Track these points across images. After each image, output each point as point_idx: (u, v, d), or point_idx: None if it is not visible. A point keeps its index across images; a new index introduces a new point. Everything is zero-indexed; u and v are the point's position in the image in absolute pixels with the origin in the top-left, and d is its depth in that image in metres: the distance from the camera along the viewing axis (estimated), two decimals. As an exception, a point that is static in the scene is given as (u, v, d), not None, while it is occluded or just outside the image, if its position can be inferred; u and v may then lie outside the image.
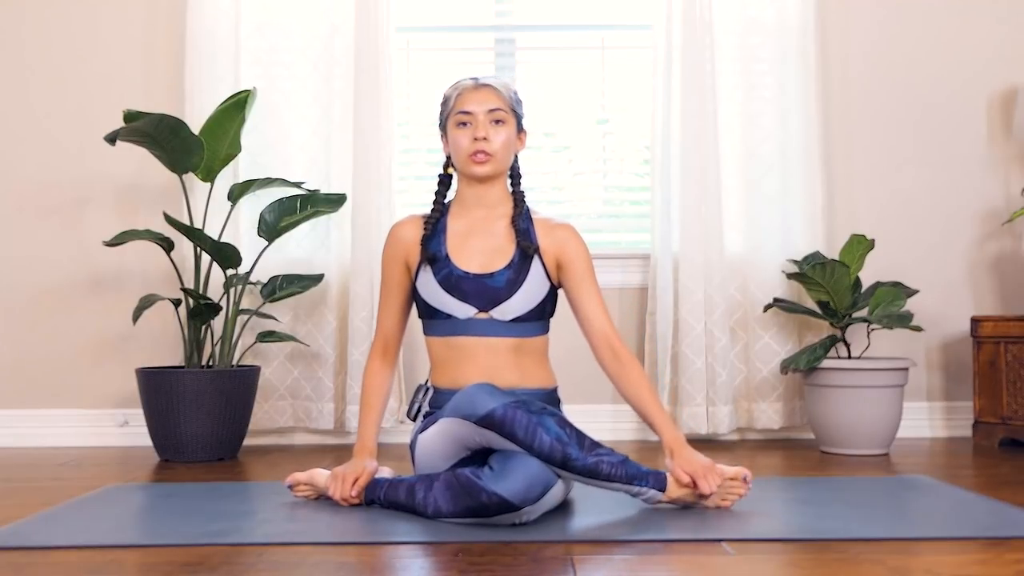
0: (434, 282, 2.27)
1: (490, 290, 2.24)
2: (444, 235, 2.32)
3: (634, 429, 3.43)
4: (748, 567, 1.71)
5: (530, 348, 2.28)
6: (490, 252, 2.28)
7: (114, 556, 1.80)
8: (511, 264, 2.26)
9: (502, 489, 1.94)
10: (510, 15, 3.62)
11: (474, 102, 2.27)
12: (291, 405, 3.38)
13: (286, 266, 3.36)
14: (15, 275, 3.48)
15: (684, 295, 3.32)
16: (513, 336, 2.25)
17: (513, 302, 2.24)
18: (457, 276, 2.26)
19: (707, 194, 3.33)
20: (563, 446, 1.99)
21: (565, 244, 2.31)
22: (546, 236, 2.31)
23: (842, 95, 3.53)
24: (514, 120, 2.32)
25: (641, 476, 2.07)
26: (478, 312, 2.25)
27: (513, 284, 2.25)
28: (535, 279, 2.27)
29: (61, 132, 3.49)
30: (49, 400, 3.45)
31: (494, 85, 2.31)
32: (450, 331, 2.27)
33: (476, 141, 2.25)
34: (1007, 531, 1.93)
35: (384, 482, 2.18)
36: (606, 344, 2.29)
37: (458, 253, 2.29)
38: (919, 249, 3.52)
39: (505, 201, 2.35)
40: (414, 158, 3.62)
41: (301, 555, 1.81)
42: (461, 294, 2.25)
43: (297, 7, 3.41)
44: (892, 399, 3.07)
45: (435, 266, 2.28)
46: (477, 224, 2.32)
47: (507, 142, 2.29)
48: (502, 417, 1.98)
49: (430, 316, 2.30)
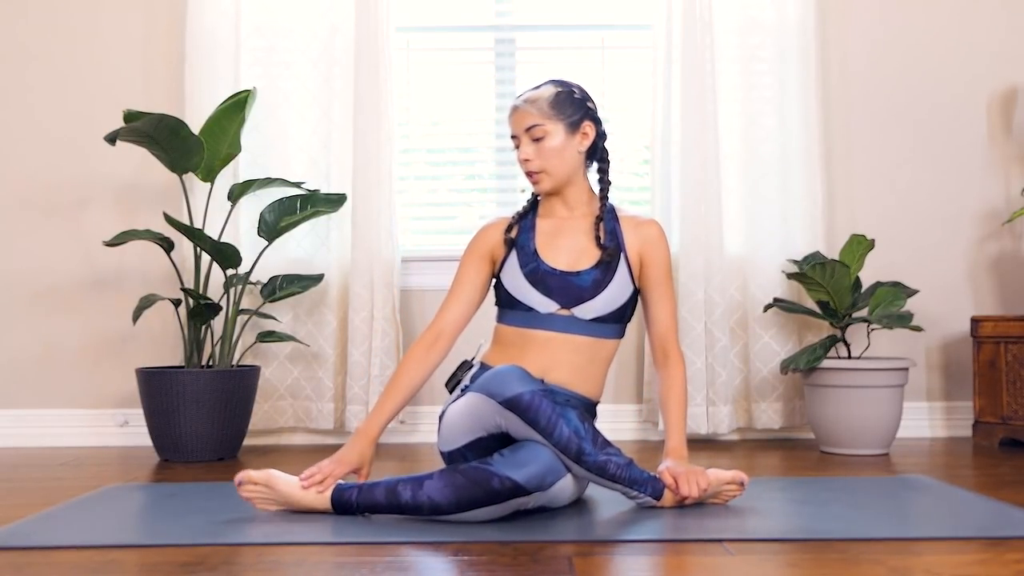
0: (520, 274, 2.28)
1: (575, 288, 2.26)
2: (533, 232, 2.34)
3: (634, 429, 3.44)
4: (748, 567, 1.71)
5: (600, 351, 2.29)
6: (577, 251, 2.30)
7: (114, 556, 1.80)
8: (598, 264, 2.28)
9: (516, 473, 1.96)
10: (510, 15, 3.62)
11: (513, 125, 2.32)
12: (291, 405, 3.38)
13: (286, 266, 3.36)
14: (15, 275, 3.48)
15: (684, 295, 3.32)
16: (589, 336, 2.27)
17: (597, 302, 2.26)
18: (544, 271, 2.27)
19: (707, 194, 3.33)
20: (580, 440, 2.01)
21: (650, 242, 2.32)
22: (632, 233, 2.33)
23: (842, 95, 3.53)
24: (559, 125, 2.28)
25: (641, 483, 2.10)
26: (560, 308, 2.26)
27: (599, 284, 2.26)
28: (620, 281, 2.28)
29: (61, 132, 3.49)
30: (49, 400, 3.45)
31: (523, 105, 2.30)
32: (528, 323, 2.27)
33: (523, 163, 2.31)
34: (1007, 531, 1.93)
35: (354, 487, 2.10)
36: (662, 346, 2.34)
37: (545, 249, 2.31)
38: (919, 249, 3.52)
39: (588, 200, 2.37)
40: (414, 158, 3.62)
41: (301, 555, 1.81)
42: (545, 289, 2.26)
43: (297, 7, 3.41)
44: (892, 399, 3.07)
45: (522, 258, 2.30)
46: (562, 224, 2.34)
47: (551, 153, 2.28)
48: (528, 402, 2.00)
49: (510, 307, 2.30)
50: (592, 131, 2.34)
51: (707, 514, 2.10)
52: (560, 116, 2.30)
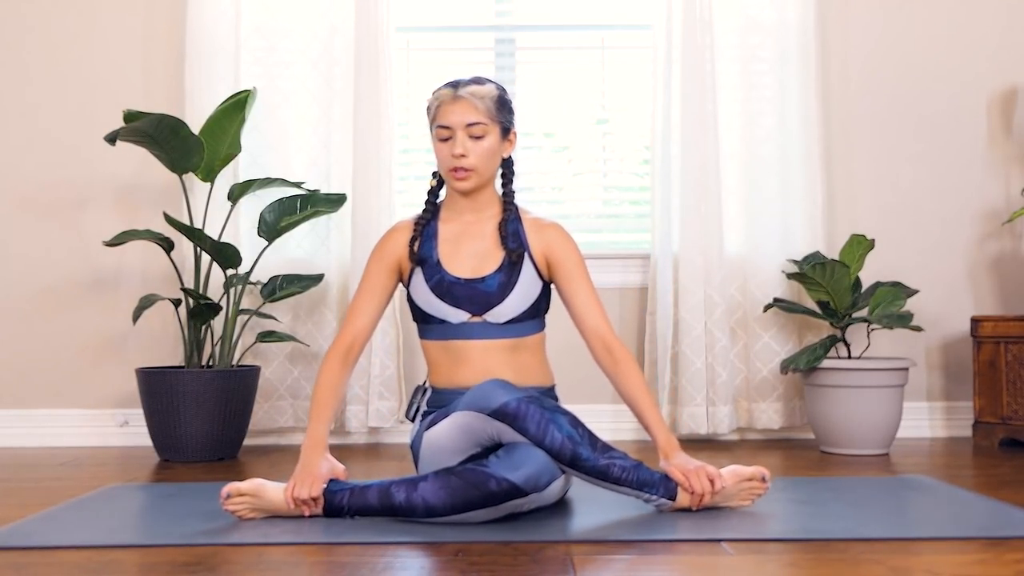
0: (426, 288, 2.26)
1: (482, 294, 2.24)
2: (435, 240, 2.30)
3: (634, 429, 3.43)
4: (748, 567, 1.71)
5: (526, 347, 2.28)
6: (481, 256, 2.27)
7: (114, 556, 1.80)
8: (502, 267, 2.25)
9: (513, 475, 1.95)
10: (510, 15, 3.62)
11: (452, 115, 2.23)
12: (291, 405, 3.38)
13: (286, 266, 3.36)
14: (15, 275, 3.48)
15: (684, 295, 3.32)
16: (508, 337, 2.25)
17: (506, 305, 2.24)
18: (449, 282, 2.25)
19: (707, 194, 3.33)
20: (574, 445, 2.00)
21: (553, 243, 2.29)
22: (535, 235, 2.30)
23: (842, 95, 3.53)
24: (496, 128, 2.26)
25: (652, 484, 2.07)
26: (471, 316, 2.24)
27: (505, 287, 2.24)
28: (527, 280, 2.26)
29: (61, 132, 3.49)
30: (49, 400, 3.45)
31: (470, 98, 2.23)
32: (445, 335, 2.26)
33: (455, 158, 2.22)
34: (1007, 531, 1.93)
35: (344, 489, 2.08)
36: (600, 340, 2.26)
37: (449, 258, 2.28)
38: (919, 249, 3.52)
39: (494, 204, 2.33)
40: (414, 158, 3.62)
41: (301, 555, 1.81)
42: (453, 299, 2.24)
43: (297, 7, 3.41)
44: (892, 399, 3.07)
45: (426, 271, 2.27)
46: (467, 228, 2.31)
47: (487, 153, 2.25)
48: (515, 410, 1.99)
49: (424, 321, 2.30)
50: (515, 140, 2.34)
51: (707, 514, 2.09)
52: (498, 119, 2.27)
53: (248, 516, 2.07)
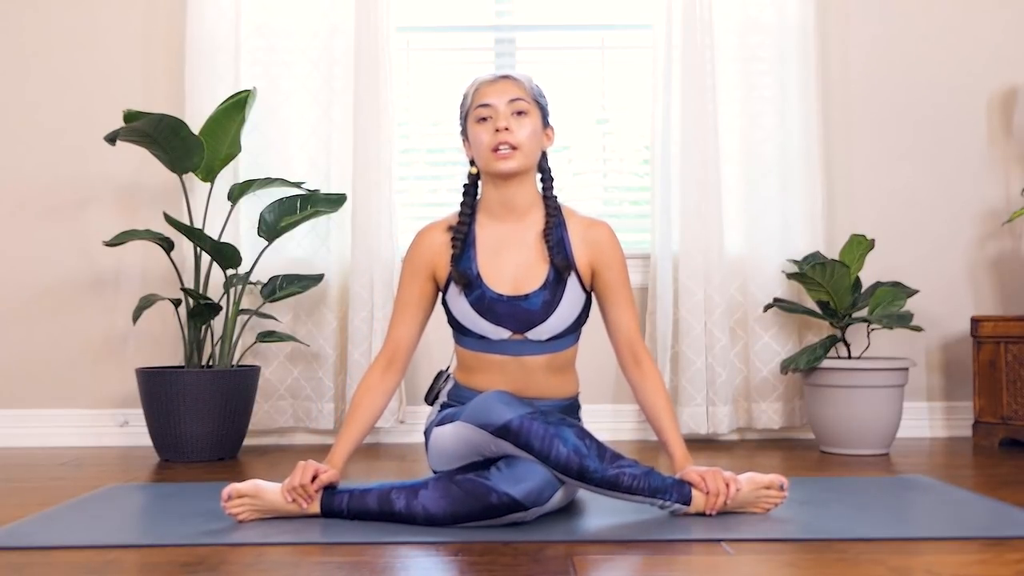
0: (466, 303, 2.16)
1: (525, 312, 2.14)
2: (474, 249, 2.18)
3: (634, 429, 3.43)
4: (748, 567, 1.71)
5: (563, 359, 2.21)
6: (524, 270, 2.16)
7: (114, 556, 1.80)
8: (546, 284, 2.15)
9: (514, 490, 1.92)
10: (510, 15, 3.62)
11: (494, 93, 2.14)
12: (291, 405, 3.38)
13: (286, 266, 3.36)
14: (15, 275, 3.48)
15: (684, 295, 3.32)
16: (547, 353, 2.18)
17: (549, 324, 2.15)
18: (490, 299, 2.14)
19: (707, 194, 3.33)
20: (580, 458, 1.94)
21: (599, 249, 2.20)
22: (581, 241, 2.20)
23: (842, 95, 3.53)
24: (538, 112, 2.17)
25: (665, 489, 2.02)
26: (512, 335, 2.15)
27: (549, 305, 2.14)
28: (571, 297, 2.17)
29: (61, 132, 3.49)
30: (49, 400, 3.45)
31: (513, 76, 2.17)
32: (483, 349, 2.18)
33: (498, 133, 2.11)
34: (1007, 531, 1.93)
35: (344, 492, 2.06)
36: (630, 351, 2.21)
37: (490, 272, 2.16)
38: (919, 249, 3.52)
39: (536, 206, 2.21)
40: (414, 158, 3.62)
41: (301, 555, 1.81)
42: (495, 317, 2.14)
43: (297, 7, 3.41)
44: (892, 399, 3.07)
45: (467, 287, 2.16)
46: (507, 236, 2.19)
47: (533, 134, 2.14)
48: (518, 428, 1.94)
49: (462, 332, 2.20)
50: (552, 136, 2.25)
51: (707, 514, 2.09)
52: (539, 105, 2.20)
53: (249, 518, 2.06)
